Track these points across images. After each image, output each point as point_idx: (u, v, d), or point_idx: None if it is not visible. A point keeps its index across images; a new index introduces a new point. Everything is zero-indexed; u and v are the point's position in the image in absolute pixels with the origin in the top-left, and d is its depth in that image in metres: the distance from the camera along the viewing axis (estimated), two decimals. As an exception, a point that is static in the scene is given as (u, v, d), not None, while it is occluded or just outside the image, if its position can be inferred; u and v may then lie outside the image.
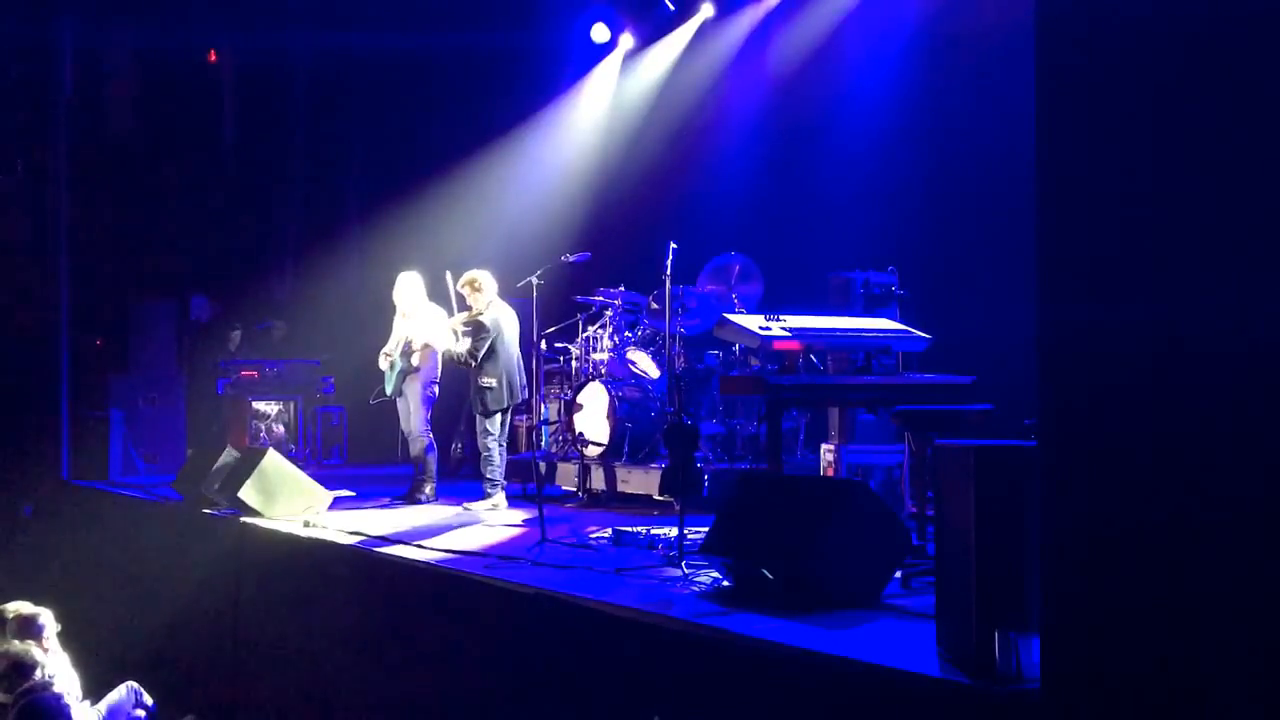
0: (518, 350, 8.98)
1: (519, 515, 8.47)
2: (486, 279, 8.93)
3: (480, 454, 8.89)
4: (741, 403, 9.26)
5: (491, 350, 8.75)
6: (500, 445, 8.90)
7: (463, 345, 8.85)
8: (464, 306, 9.06)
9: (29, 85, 12.69)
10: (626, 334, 9.94)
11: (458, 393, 10.42)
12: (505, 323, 8.90)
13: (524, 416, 10.47)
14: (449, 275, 9.21)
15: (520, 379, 8.96)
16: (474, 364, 8.74)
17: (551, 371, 10.57)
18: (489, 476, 8.77)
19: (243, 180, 14.37)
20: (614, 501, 9.09)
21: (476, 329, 8.79)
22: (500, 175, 12.97)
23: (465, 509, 8.72)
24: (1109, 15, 3.34)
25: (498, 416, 8.84)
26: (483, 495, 8.77)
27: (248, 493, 8.33)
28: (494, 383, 8.75)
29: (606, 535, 7.34)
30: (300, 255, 14.47)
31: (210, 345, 13.28)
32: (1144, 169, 3.27)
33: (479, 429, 8.91)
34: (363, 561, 7.03)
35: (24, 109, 12.84)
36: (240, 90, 14.54)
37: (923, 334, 7.05)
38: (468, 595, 6.05)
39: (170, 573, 9.01)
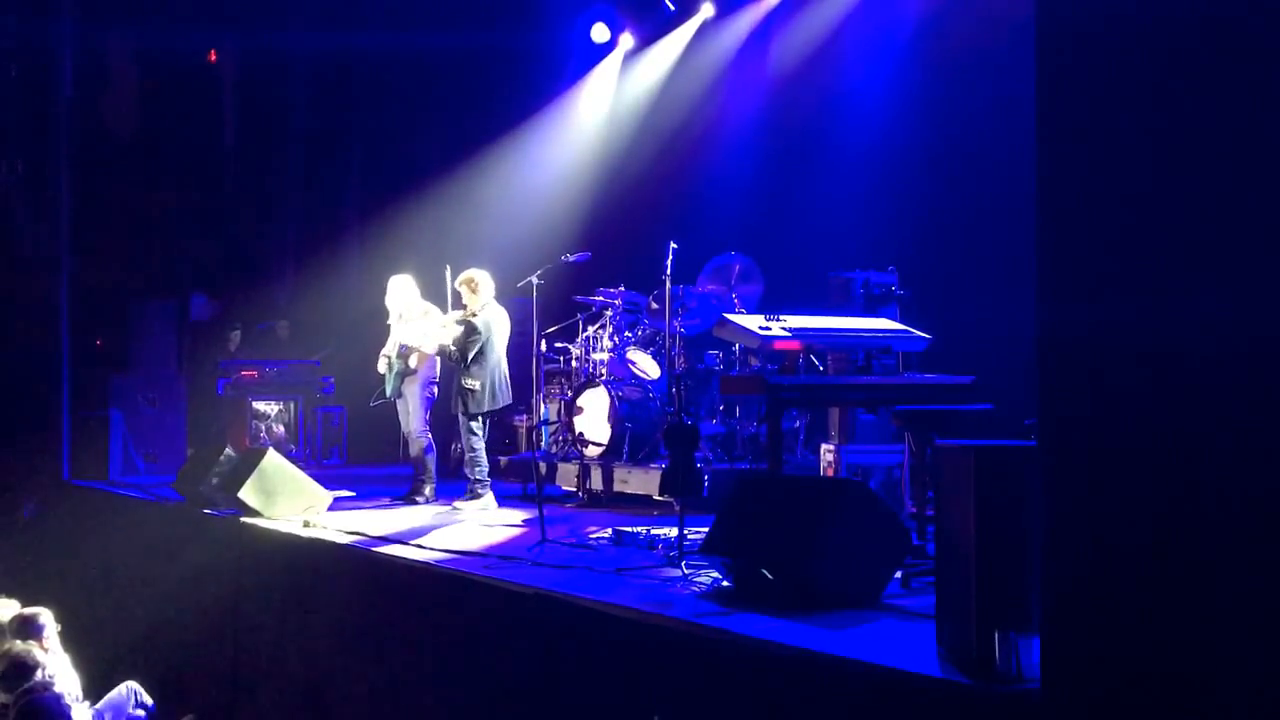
0: (504, 356, 8.91)
1: (519, 515, 8.46)
2: (485, 280, 8.87)
3: (466, 453, 8.88)
4: (741, 403, 9.26)
5: (480, 353, 8.71)
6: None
7: (454, 339, 8.80)
8: (458, 304, 9.02)
9: (29, 85, 12.70)
10: (626, 334, 9.92)
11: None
12: (496, 327, 8.83)
13: (524, 416, 10.45)
14: (448, 270, 9.16)
15: (505, 385, 8.88)
16: (463, 363, 8.72)
17: (551, 371, 10.56)
18: (476, 477, 8.75)
19: (243, 180, 14.39)
20: (614, 501, 9.08)
21: (468, 329, 8.72)
22: (500, 175, 12.96)
23: (454, 508, 8.71)
24: (1109, 15, 3.34)
25: (479, 419, 8.84)
26: (470, 495, 8.74)
27: (248, 493, 8.33)
28: (477, 386, 8.69)
29: (606, 535, 7.34)
30: (300, 255, 14.48)
31: (210, 345, 13.27)
32: (1144, 168, 3.26)
33: (463, 429, 8.88)
34: (362, 561, 7.03)
35: (24, 109, 12.85)
36: (240, 90, 14.55)
37: (923, 334, 7.05)
38: (467, 595, 6.05)
39: (170, 573, 9.00)
